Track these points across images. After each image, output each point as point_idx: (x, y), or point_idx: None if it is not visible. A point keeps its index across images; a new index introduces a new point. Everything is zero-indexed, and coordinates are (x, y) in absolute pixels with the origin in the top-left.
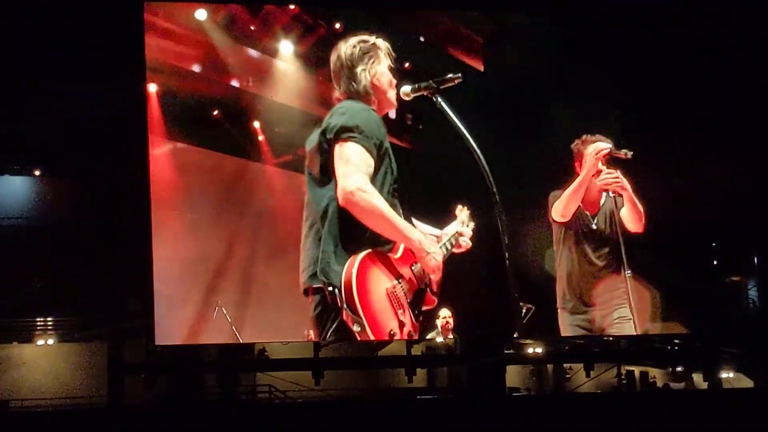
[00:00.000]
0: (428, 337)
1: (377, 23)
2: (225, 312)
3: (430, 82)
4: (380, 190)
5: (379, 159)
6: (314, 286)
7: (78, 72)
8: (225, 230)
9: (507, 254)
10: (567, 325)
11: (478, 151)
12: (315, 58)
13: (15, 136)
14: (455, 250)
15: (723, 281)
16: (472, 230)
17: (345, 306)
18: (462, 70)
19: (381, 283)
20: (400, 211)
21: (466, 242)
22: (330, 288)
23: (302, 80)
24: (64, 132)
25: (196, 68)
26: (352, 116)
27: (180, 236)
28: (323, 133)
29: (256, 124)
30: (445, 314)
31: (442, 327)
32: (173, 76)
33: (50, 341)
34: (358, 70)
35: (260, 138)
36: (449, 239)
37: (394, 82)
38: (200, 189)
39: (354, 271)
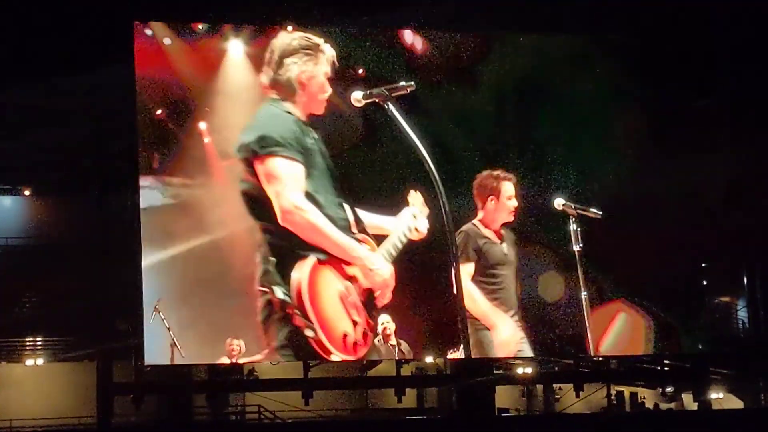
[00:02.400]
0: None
1: (332, 32)
2: (162, 317)
3: (382, 89)
4: (320, 193)
5: (308, 162)
6: (262, 289)
7: (67, 91)
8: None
9: (454, 263)
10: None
11: (428, 158)
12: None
13: (4, 156)
14: (413, 237)
15: (712, 301)
16: (427, 216)
17: (297, 312)
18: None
19: (332, 286)
20: (348, 211)
21: (422, 229)
22: (281, 295)
23: (251, 81)
24: (54, 152)
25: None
26: (264, 127)
27: None
28: (242, 150)
29: (202, 126)
30: (383, 320)
31: (381, 333)
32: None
33: (39, 361)
34: (288, 60)
35: (206, 140)
36: (398, 237)
37: (327, 90)
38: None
39: (305, 277)
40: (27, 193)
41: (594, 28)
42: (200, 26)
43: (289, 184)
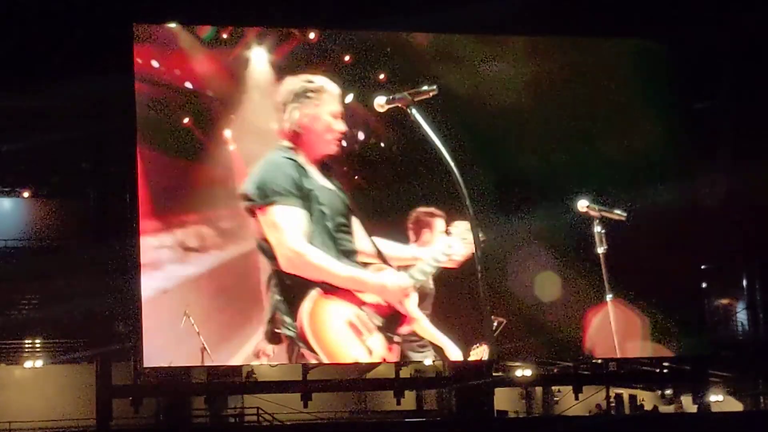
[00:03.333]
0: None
1: (353, 38)
2: (192, 321)
3: (405, 93)
4: (319, 232)
5: (306, 206)
6: (276, 330)
7: (66, 94)
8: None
9: (479, 267)
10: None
11: (452, 163)
12: (289, 67)
13: (3, 159)
14: (449, 265)
15: (712, 304)
16: (465, 241)
17: (302, 345)
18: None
19: (340, 314)
20: (354, 242)
21: (459, 252)
22: (288, 332)
23: (275, 89)
24: (54, 154)
25: (169, 78)
26: (260, 177)
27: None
28: (244, 199)
29: (228, 133)
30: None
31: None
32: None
33: (38, 363)
34: (290, 107)
35: (231, 147)
36: (429, 263)
37: (338, 128)
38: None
39: (307, 312)
40: (26, 195)
41: (619, 33)
42: (225, 35)
43: (288, 231)
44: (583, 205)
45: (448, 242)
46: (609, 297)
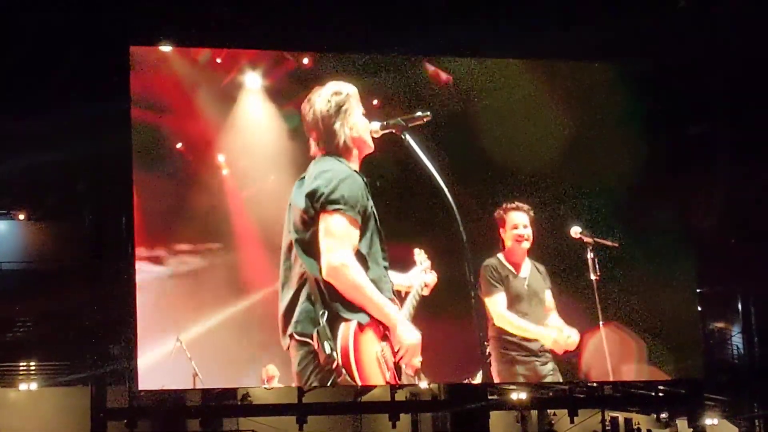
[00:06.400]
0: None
1: (348, 61)
2: (184, 347)
3: (399, 119)
4: (369, 253)
5: (364, 224)
6: (303, 339)
7: (62, 116)
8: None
9: (473, 293)
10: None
11: (446, 188)
12: (282, 92)
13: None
14: (425, 294)
15: (707, 327)
16: (428, 269)
17: (344, 373)
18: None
19: (371, 347)
20: (387, 275)
21: (430, 282)
22: (328, 350)
23: (269, 113)
24: (49, 176)
25: (162, 101)
26: (339, 185)
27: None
28: (309, 197)
29: (221, 158)
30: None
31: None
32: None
33: (33, 385)
34: (336, 126)
35: (225, 172)
36: (414, 295)
37: (368, 125)
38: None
39: (350, 339)
40: (21, 217)
41: (610, 56)
42: (219, 59)
43: (343, 241)
44: (576, 231)
45: (422, 276)
46: (602, 322)
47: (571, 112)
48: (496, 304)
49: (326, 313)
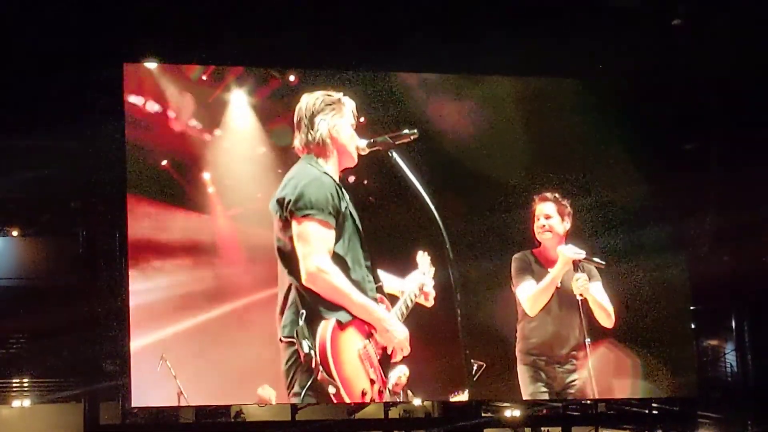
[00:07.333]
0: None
1: (334, 78)
2: (169, 366)
3: (386, 137)
4: (347, 254)
5: (339, 226)
6: (288, 340)
7: (55, 130)
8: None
9: (459, 311)
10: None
11: (432, 207)
12: (269, 110)
13: None
14: (422, 302)
15: (701, 345)
16: (433, 276)
17: (321, 369)
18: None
19: (353, 344)
20: (370, 274)
21: (429, 290)
22: (307, 349)
23: (255, 131)
24: (43, 192)
25: (150, 118)
26: (304, 190)
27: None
28: (279, 204)
29: (206, 176)
30: (398, 373)
31: (393, 387)
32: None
33: (26, 402)
34: (317, 119)
35: (210, 190)
36: (405, 300)
37: (356, 140)
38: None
39: (327, 336)
40: (14, 234)
41: (593, 72)
42: (204, 77)
43: (317, 246)
44: (566, 249)
45: (421, 279)
46: (588, 341)
47: (564, 128)
48: (523, 291)
49: (304, 313)
